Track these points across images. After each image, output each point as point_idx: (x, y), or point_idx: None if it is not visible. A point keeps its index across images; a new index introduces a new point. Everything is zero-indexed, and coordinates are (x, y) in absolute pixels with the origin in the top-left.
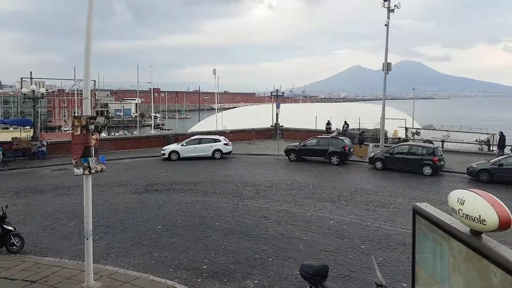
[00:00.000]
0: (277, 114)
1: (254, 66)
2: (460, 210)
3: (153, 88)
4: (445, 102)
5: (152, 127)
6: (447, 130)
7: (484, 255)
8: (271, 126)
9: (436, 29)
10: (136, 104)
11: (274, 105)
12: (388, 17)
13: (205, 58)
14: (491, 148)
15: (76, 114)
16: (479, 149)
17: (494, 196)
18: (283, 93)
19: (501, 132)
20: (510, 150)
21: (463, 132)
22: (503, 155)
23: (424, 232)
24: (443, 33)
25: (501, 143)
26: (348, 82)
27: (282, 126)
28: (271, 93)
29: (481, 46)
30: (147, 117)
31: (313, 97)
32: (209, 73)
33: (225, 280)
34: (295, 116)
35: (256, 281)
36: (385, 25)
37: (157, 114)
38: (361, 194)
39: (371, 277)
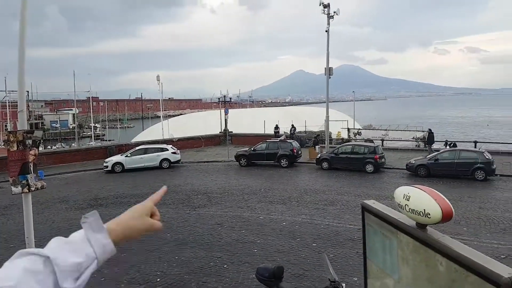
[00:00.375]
0: (225, 120)
1: (199, 72)
2: (406, 206)
3: (92, 97)
4: (382, 103)
5: (92, 138)
6: (386, 130)
7: (430, 246)
8: (220, 132)
9: (372, 34)
10: (74, 114)
11: (222, 111)
12: (328, 23)
13: (148, 64)
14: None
15: (8, 128)
16: (416, 146)
17: (436, 191)
18: (230, 98)
19: (430, 129)
20: (444, 145)
21: (401, 130)
22: (431, 150)
23: (373, 228)
24: (379, 38)
25: (430, 140)
26: (293, 86)
27: (231, 131)
28: (219, 98)
29: (414, 49)
30: (86, 128)
31: (260, 102)
32: (152, 79)
33: None
34: (244, 121)
35: None
36: (326, 31)
37: (96, 124)
38: (310, 194)
39: (324, 274)
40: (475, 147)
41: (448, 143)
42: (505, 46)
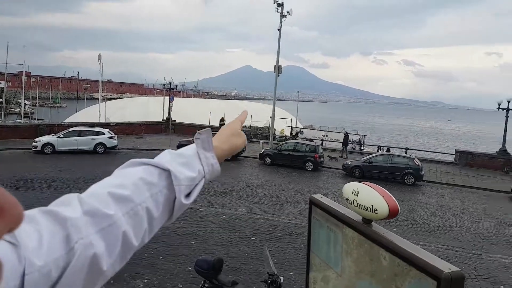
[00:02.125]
0: (169, 107)
1: (143, 56)
2: (354, 201)
3: (24, 71)
4: (323, 105)
5: (22, 116)
6: (325, 131)
7: (375, 241)
8: (162, 120)
9: (318, 38)
10: (2, 88)
11: (166, 98)
12: (281, 22)
13: (86, 42)
14: (362, 148)
15: None
16: (352, 148)
17: (384, 189)
18: (176, 86)
19: (346, 132)
20: (377, 149)
21: (338, 132)
22: (346, 152)
23: (319, 221)
24: (324, 43)
25: (345, 141)
26: (240, 80)
27: (175, 120)
28: (163, 85)
29: (355, 57)
30: (14, 104)
31: (206, 93)
32: (91, 58)
33: (111, 281)
34: (188, 111)
35: (145, 280)
36: (278, 29)
37: (26, 101)
38: (252, 188)
39: (262, 267)
40: (406, 153)
41: (381, 147)
42: (439, 62)
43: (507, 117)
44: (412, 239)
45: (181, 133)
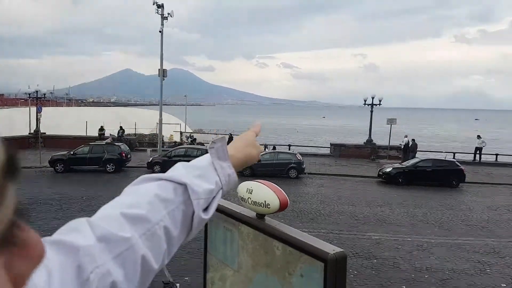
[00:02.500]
0: (38, 119)
1: (3, 62)
2: (249, 198)
3: None
4: (211, 109)
5: None
6: (215, 133)
7: (268, 233)
8: (29, 133)
9: (202, 41)
10: None
11: (33, 108)
12: (162, 24)
13: None
14: None
15: None
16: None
17: (275, 184)
18: (44, 95)
19: (230, 134)
20: (264, 148)
21: (227, 134)
22: None
23: (216, 223)
24: (208, 46)
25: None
26: (119, 85)
27: (44, 133)
28: (29, 94)
29: (239, 61)
30: None
31: (80, 101)
32: None
33: None
34: (60, 122)
35: None
36: (160, 31)
37: None
38: None
39: (156, 277)
40: (289, 149)
41: (267, 146)
42: (313, 65)
43: (371, 111)
44: (298, 227)
45: (53, 146)
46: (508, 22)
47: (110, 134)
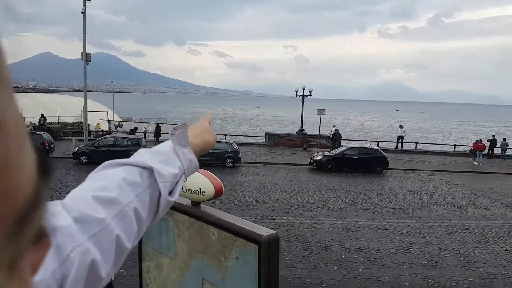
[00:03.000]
0: None
1: None
2: (184, 187)
3: None
4: (142, 96)
5: None
6: (147, 123)
7: (204, 220)
8: None
9: (128, 24)
10: None
11: None
12: (84, 5)
13: None
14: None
15: None
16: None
17: (209, 172)
18: None
19: (158, 123)
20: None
21: (165, 124)
22: (158, 142)
23: None
24: (135, 30)
25: (157, 132)
26: (38, 70)
27: None
28: None
29: (170, 46)
30: None
31: None
32: None
33: None
34: None
35: None
36: (82, 12)
37: None
38: (67, 192)
39: None
40: (225, 139)
41: None
42: (246, 54)
43: (303, 102)
44: (236, 214)
45: None
46: (426, 20)
47: (30, 123)
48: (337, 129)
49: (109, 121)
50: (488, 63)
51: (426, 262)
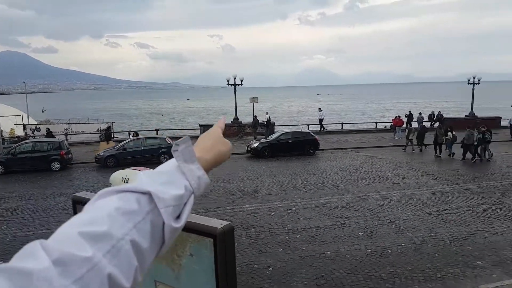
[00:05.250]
0: None
1: None
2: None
3: None
4: (58, 96)
5: None
6: (67, 123)
7: None
8: None
9: (37, 18)
10: None
11: None
12: None
13: None
14: (112, 137)
15: None
16: (100, 137)
17: (149, 169)
18: None
19: (108, 126)
20: (128, 135)
21: (83, 123)
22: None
23: None
24: (45, 24)
25: (107, 136)
26: None
27: None
28: None
29: (86, 40)
30: None
31: None
32: None
33: None
34: None
35: None
36: None
37: None
38: None
39: None
40: (157, 134)
41: (131, 133)
42: (170, 45)
43: (235, 91)
44: None
45: None
46: (343, 6)
47: None
48: (270, 116)
49: (24, 126)
50: (401, 44)
51: (362, 234)
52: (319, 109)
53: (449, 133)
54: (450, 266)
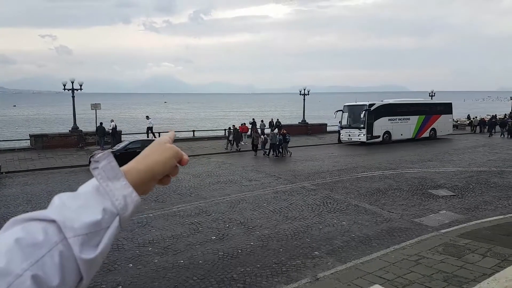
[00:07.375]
0: None
1: None
2: None
3: None
4: None
5: None
6: None
7: None
8: None
9: None
10: None
11: None
12: None
13: None
14: None
15: None
16: None
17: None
18: None
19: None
20: None
21: None
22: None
23: None
24: None
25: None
26: None
27: None
28: None
29: None
30: None
31: None
32: None
33: None
34: None
35: None
36: None
37: None
38: None
39: None
40: None
41: None
42: None
43: (73, 97)
44: None
45: None
46: (187, 16)
47: None
48: (100, 123)
49: None
50: (243, 57)
51: (214, 237)
52: (147, 117)
53: (262, 136)
54: (293, 259)
